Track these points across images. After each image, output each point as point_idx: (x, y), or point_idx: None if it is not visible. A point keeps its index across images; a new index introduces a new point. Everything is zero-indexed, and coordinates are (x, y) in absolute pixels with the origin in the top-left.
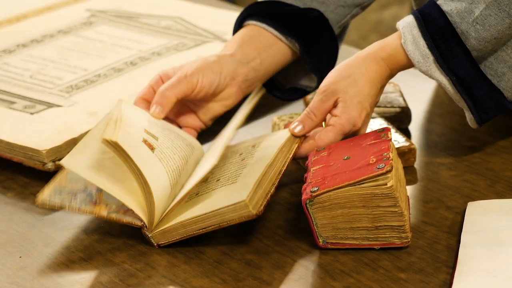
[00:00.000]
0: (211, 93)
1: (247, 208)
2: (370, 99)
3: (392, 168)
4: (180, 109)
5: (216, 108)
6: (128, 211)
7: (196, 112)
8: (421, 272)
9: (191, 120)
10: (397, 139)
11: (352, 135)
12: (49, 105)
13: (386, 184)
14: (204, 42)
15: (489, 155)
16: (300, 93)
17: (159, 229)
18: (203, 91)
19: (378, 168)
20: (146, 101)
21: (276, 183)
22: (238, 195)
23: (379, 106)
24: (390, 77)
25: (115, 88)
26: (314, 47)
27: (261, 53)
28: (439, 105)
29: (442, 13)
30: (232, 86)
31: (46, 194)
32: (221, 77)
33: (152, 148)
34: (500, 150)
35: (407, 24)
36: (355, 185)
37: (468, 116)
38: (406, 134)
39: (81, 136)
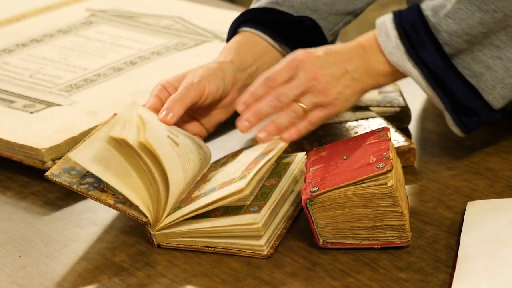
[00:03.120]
0: (216, 100)
1: (259, 232)
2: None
3: (392, 167)
4: (184, 118)
5: (218, 114)
6: (134, 204)
7: (199, 120)
8: (421, 272)
9: (195, 127)
10: (397, 139)
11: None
12: (49, 104)
13: (386, 184)
14: (204, 42)
15: (489, 154)
16: None
17: (164, 230)
18: (210, 97)
19: (378, 167)
20: (156, 111)
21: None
22: (238, 186)
23: (378, 106)
24: (363, 65)
25: (114, 88)
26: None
27: (257, 60)
28: None
29: (417, 8)
30: (233, 92)
31: (56, 170)
32: (225, 83)
33: (176, 143)
34: (499, 149)
35: (384, 19)
36: (355, 185)
37: (448, 118)
38: (406, 133)
39: (81, 135)
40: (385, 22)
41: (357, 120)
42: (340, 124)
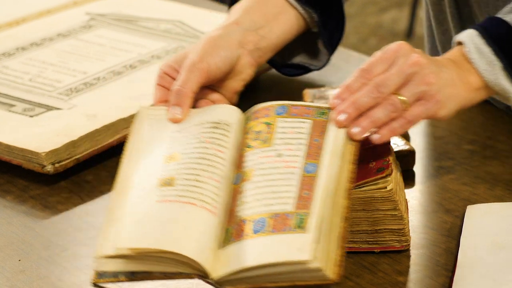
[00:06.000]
0: (227, 71)
1: (319, 271)
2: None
3: (392, 171)
4: (201, 93)
5: (234, 83)
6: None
7: (218, 90)
8: (420, 276)
9: (217, 97)
10: (396, 142)
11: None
12: (49, 108)
13: (386, 188)
14: None
15: (489, 158)
16: (302, 70)
17: (221, 276)
18: (218, 72)
19: (378, 171)
20: (165, 103)
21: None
22: (297, 247)
23: None
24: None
25: (114, 91)
26: (329, 21)
27: (270, 21)
28: None
29: (500, 21)
30: (244, 56)
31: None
32: (231, 50)
33: (170, 183)
34: (499, 153)
35: (468, 34)
36: (354, 189)
37: None
38: (405, 137)
39: (80, 139)
40: (472, 38)
41: None
42: None
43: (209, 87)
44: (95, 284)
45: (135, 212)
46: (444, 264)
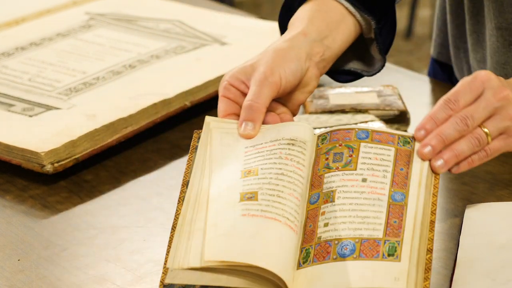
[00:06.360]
0: (296, 84)
1: None
2: None
3: None
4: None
5: (300, 95)
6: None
7: (283, 103)
8: None
9: (282, 109)
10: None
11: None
12: (48, 107)
13: None
14: (203, 45)
15: None
16: (352, 76)
17: None
18: (288, 86)
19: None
20: (231, 116)
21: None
22: (394, 276)
23: (377, 109)
24: None
25: (114, 91)
26: (384, 27)
27: (332, 30)
28: None
29: None
30: (311, 68)
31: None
32: (301, 62)
33: (253, 198)
34: None
35: None
36: None
37: None
38: None
39: (80, 139)
40: None
41: (356, 123)
42: None
43: (275, 100)
44: None
45: (220, 225)
46: (444, 263)
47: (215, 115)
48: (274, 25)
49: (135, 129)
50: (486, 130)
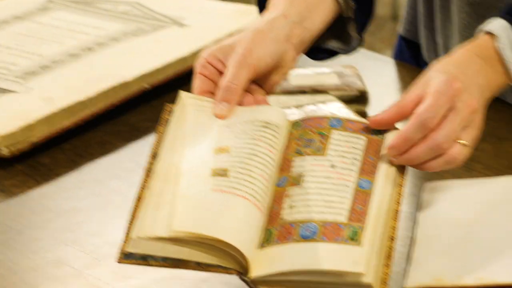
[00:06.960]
0: (274, 66)
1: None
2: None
3: None
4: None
5: (275, 78)
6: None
7: (258, 83)
8: None
9: (257, 89)
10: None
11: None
12: (4, 91)
13: None
14: (162, 27)
15: None
16: (327, 54)
17: (259, 276)
18: (265, 67)
19: None
20: (206, 93)
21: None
22: (352, 259)
23: (337, 90)
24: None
25: (71, 74)
26: (362, 8)
27: (312, 12)
28: (399, 89)
29: None
30: (289, 50)
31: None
32: (279, 45)
33: (224, 174)
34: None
35: (498, 27)
36: None
37: None
38: (365, 117)
39: (37, 122)
40: (505, 29)
41: (315, 104)
42: (297, 108)
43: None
44: (119, 263)
45: (190, 198)
46: (402, 242)
47: (175, 97)
48: (234, 7)
49: (93, 112)
50: (462, 141)
